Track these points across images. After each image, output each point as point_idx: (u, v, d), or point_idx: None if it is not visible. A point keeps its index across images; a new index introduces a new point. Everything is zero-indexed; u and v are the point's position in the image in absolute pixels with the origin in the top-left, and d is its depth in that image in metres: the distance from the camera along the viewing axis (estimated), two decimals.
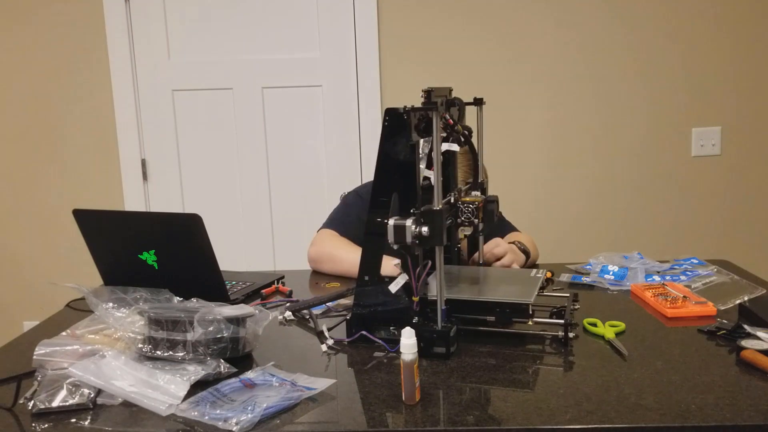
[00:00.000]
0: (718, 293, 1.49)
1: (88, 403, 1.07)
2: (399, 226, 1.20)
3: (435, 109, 1.18)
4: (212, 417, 1.00)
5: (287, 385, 1.09)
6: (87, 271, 1.85)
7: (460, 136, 1.36)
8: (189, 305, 1.31)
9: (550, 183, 2.99)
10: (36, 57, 2.97)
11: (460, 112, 1.41)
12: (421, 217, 1.20)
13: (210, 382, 1.12)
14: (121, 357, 1.17)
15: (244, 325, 1.23)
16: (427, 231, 1.19)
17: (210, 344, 1.16)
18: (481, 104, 1.48)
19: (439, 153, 1.21)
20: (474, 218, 1.32)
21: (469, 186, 1.46)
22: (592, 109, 2.95)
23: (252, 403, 1.02)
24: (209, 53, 2.98)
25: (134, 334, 1.19)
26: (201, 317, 1.17)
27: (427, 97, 1.21)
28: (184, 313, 1.19)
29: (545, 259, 1.89)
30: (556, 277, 1.69)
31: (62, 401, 1.07)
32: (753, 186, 2.99)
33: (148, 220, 1.78)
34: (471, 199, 1.35)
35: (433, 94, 1.21)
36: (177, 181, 3.07)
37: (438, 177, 1.20)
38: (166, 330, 1.17)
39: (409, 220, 1.20)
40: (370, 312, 1.29)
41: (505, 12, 2.88)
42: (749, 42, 2.89)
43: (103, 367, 1.14)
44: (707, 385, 1.07)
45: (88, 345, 1.21)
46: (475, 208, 1.32)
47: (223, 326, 1.18)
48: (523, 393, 1.07)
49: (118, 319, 1.25)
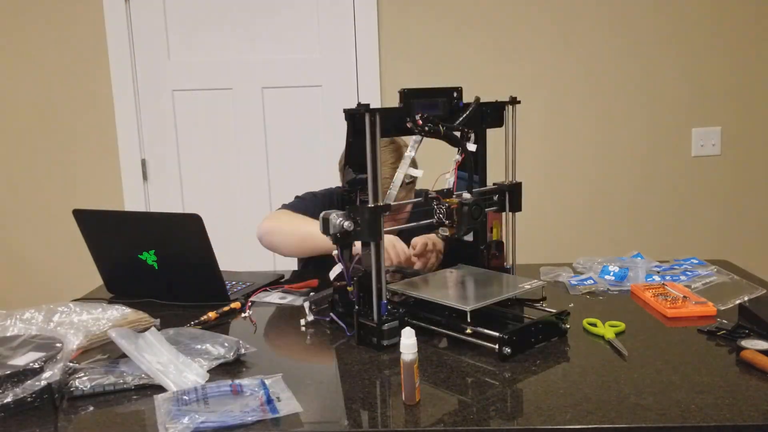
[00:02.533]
0: (718, 293, 1.49)
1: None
2: (325, 218, 1.27)
3: (367, 110, 1.23)
4: (175, 415, 1.01)
5: (260, 401, 1.06)
6: (87, 271, 1.86)
7: (446, 138, 1.35)
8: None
9: (549, 183, 2.99)
10: (36, 57, 2.97)
11: (461, 113, 1.41)
12: (350, 212, 1.26)
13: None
14: (159, 336, 1.23)
15: (52, 367, 1.11)
16: (350, 225, 1.25)
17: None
18: (514, 104, 1.51)
19: (376, 152, 1.25)
20: (445, 219, 1.31)
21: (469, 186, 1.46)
22: (592, 109, 2.95)
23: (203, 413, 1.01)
24: (209, 53, 2.98)
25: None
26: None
27: (402, 99, 1.29)
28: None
29: (545, 259, 1.89)
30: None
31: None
32: (753, 186, 2.99)
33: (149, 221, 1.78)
34: (450, 201, 1.33)
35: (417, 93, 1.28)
36: (177, 181, 3.07)
37: (372, 175, 1.25)
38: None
39: (335, 214, 1.26)
40: (341, 297, 1.38)
41: (505, 12, 2.89)
42: (749, 42, 2.89)
43: (140, 338, 1.21)
44: (707, 385, 1.07)
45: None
46: (446, 209, 1.31)
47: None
48: (523, 393, 1.08)
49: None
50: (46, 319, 1.34)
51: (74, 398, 1.11)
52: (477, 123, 1.46)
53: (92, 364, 1.21)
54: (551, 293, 1.60)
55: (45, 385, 1.09)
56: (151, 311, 1.47)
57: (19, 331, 1.27)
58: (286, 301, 1.59)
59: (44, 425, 1.03)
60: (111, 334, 1.21)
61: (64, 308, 1.38)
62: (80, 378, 1.14)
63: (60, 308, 1.38)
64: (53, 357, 1.13)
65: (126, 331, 1.23)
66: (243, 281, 1.76)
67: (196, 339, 1.27)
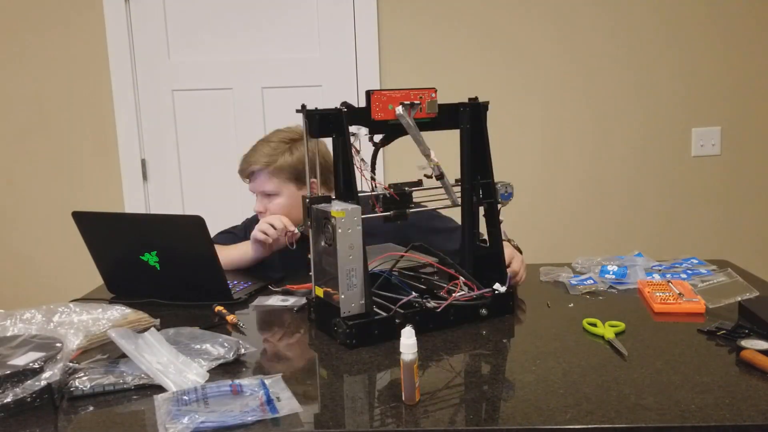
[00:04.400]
0: (717, 293, 1.49)
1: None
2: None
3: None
4: (175, 415, 1.01)
5: (260, 401, 1.06)
6: (87, 271, 1.85)
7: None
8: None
9: (549, 183, 2.99)
10: (36, 57, 2.97)
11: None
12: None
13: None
14: (159, 336, 1.23)
15: (52, 367, 1.11)
16: None
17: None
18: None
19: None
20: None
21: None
22: (592, 109, 2.95)
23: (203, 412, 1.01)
24: (209, 53, 2.98)
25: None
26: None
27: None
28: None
29: (545, 259, 1.89)
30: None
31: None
32: (753, 186, 2.99)
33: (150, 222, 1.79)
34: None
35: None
36: (177, 181, 3.07)
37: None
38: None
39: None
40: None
41: (504, 12, 2.89)
42: (749, 42, 2.89)
43: (140, 339, 1.21)
44: (707, 385, 1.07)
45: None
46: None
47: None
48: (523, 393, 1.08)
49: None
50: (46, 319, 1.33)
51: (74, 398, 1.11)
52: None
53: (92, 364, 1.21)
54: (552, 293, 1.60)
55: (45, 385, 1.08)
56: (151, 311, 1.47)
57: (19, 331, 1.27)
58: (289, 304, 1.59)
59: (44, 425, 1.03)
60: (111, 334, 1.21)
61: (64, 308, 1.38)
62: (80, 378, 1.14)
63: (60, 308, 1.38)
64: (53, 357, 1.13)
65: (126, 332, 1.23)
66: (244, 281, 1.77)
67: (195, 339, 1.27)
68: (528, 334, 1.35)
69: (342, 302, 1.29)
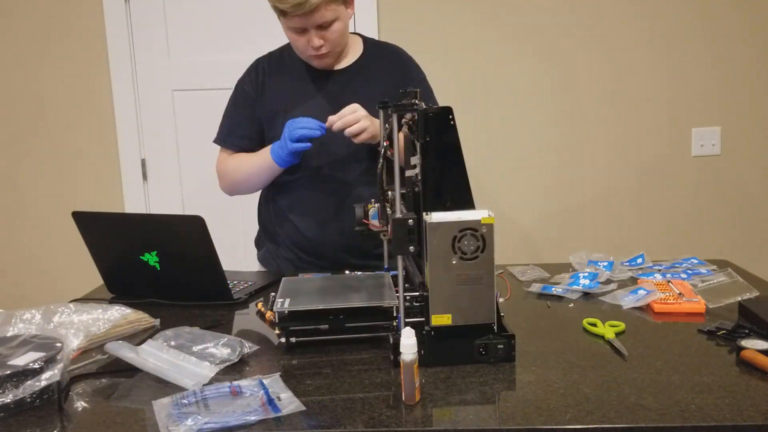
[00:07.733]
0: (717, 293, 1.49)
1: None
2: None
3: None
4: (177, 417, 1.01)
5: (261, 400, 1.06)
6: (87, 271, 1.85)
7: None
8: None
9: (549, 183, 2.98)
10: (36, 57, 2.97)
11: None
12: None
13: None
14: (158, 344, 1.24)
15: (52, 367, 1.12)
16: None
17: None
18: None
19: None
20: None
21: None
22: (592, 109, 2.94)
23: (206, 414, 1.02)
24: (209, 53, 2.98)
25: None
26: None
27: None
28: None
29: (545, 259, 1.89)
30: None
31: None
32: (753, 186, 2.99)
33: (150, 222, 1.79)
34: None
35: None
36: (177, 181, 3.06)
37: None
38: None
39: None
40: None
41: (507, 10, 2.88)
42: (749, 42, 2.89)
43: (137, 348, 1.22)
44: (707, 385, 1.07)
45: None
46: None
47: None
48: (523, 393, 1.08)
49: None
50: (46, 319, 1.33)
51: (74, 398, 1.11)
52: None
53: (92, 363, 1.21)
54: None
55: (45, 385, 1.09)
56: (151, 311, 1.47)
57: (19, 331, 1.27)
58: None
59: (44, 425, 1.04)
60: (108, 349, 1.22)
61: (64, 308, 1.38)
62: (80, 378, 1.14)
63: (60, 308, 1.38)
64: (53, 357, 1.13)
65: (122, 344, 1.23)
66: (245, 281, 1.77)
67: (195, 340, 1.27)
68: (528, 334, 1.35)
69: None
